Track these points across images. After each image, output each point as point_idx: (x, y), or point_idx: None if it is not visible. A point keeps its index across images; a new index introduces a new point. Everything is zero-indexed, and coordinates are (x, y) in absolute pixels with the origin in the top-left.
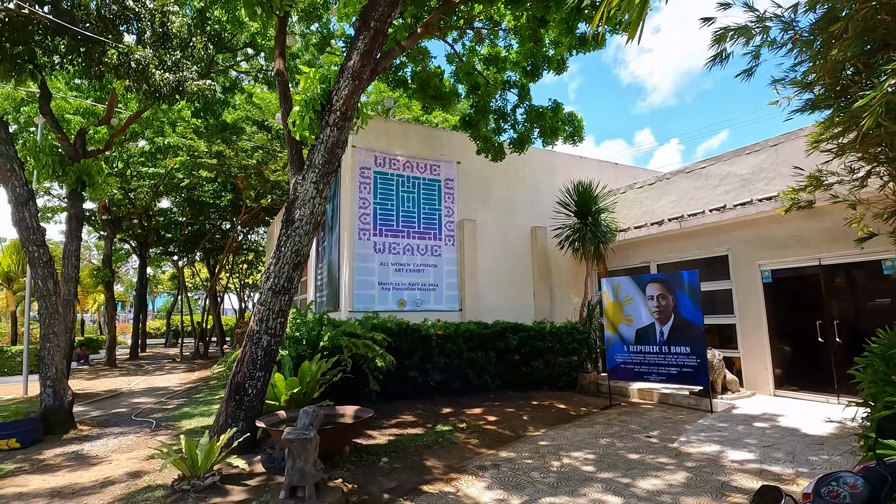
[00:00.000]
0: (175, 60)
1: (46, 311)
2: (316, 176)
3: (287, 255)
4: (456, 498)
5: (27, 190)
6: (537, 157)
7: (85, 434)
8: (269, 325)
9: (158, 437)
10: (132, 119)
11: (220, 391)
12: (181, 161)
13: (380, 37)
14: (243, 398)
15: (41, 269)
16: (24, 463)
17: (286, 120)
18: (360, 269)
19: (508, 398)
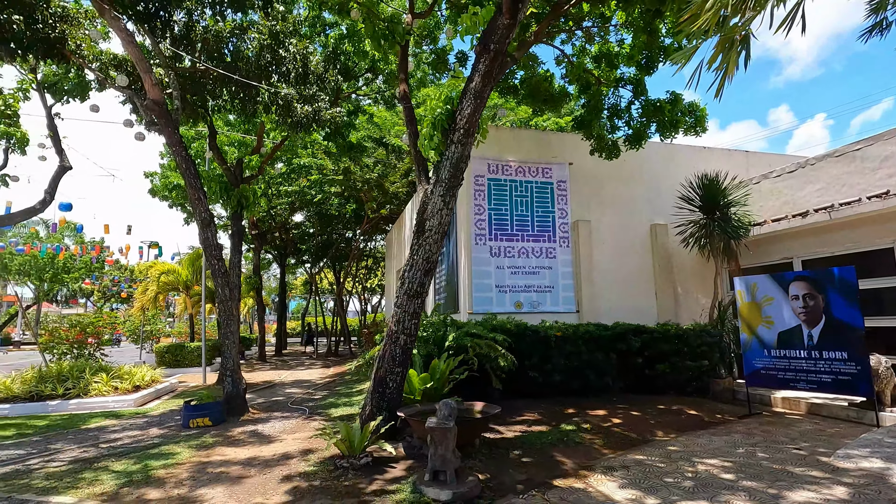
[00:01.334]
0: (312, 94)
1: (225, 314)
2: (443, 189)
3: (419, 262)
4: (588, 494)
5: (209, 214)
6: (654, 151)
7: (256, 417)
8: (405, 325)
9: (314, 423)
10: (277, 147)
11: (356, 385)
12: (314, 179)
13: (499, 58)
14: (385, 391)
15: (220, 279)
16: (218, 437)
17: (413, 139)
18: (477, 272)
19: (631, 401)
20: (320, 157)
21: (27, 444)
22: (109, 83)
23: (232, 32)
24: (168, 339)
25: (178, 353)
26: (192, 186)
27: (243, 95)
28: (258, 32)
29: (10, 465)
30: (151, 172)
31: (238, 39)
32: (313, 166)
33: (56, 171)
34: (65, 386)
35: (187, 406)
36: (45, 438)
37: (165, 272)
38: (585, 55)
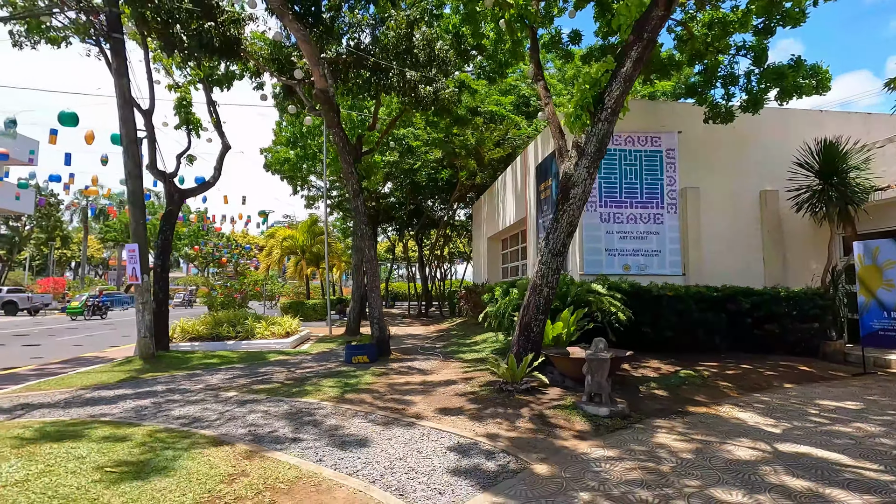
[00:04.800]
0: (433, 75)
1: (371, 272)
2: (588, 162)
3: (563, 225)
4: (723, 419)
5: (359, 185)
6: (767, 116)
7: (401, 358)
8: (549, 280)
9: (453, 363)
10: (392, 123)
11: (464, 339)
12: (417, 145)
13: (651, 46)
14: (529, 334)
15: (367, 241)
16: (383, 369)
17: (552, 116)
18: (588, 237)
19: (741, 358)
20: (418, 127)
21: (237, 369)
22: (276, 75)
23: (369, 24)
24: (284, 297)
25: (299, 309)
26: (345, 161)
27: (376, 79)
28: (394, 23)
29: (242, 380)
30: (267, 148)
31: (374, 30)
32: (409, 136)
33: (220, 150)
34: (235, 330)
35: (349, 346)
36: (247, 366)
37: (286, 237)
38: (696, 23)
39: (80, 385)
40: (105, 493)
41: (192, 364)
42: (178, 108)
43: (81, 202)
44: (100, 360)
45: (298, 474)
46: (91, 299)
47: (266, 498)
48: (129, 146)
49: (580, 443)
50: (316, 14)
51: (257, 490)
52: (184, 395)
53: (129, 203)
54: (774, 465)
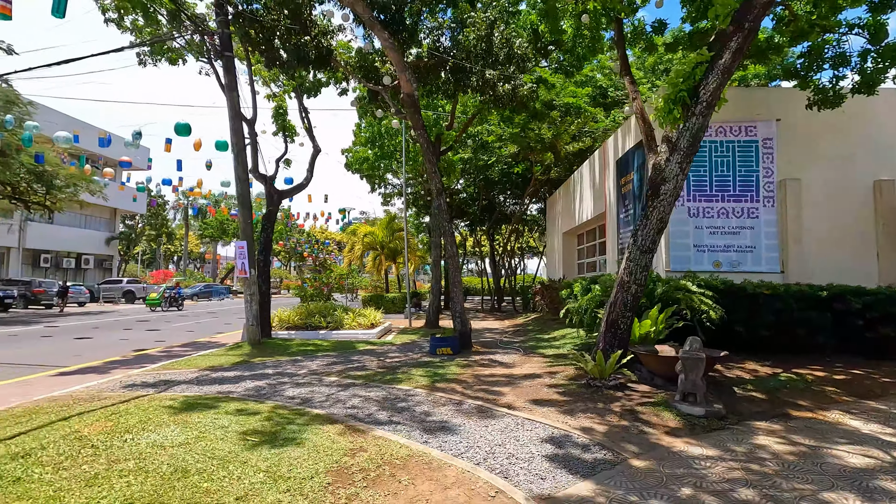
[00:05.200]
0: (511, 72)
1: (453, 268)
2: (680, 157)
3: (653, 222)
4: (832, 426)
5: (441, 184)
6: (881, 98)
7: (482, 351)
8: (637, 277)
9: (534, 358)
10: (470, 121)
11: (542, 333)
12: (490, 140)
13: (752, 35)
14: (616, 331)
15: (449, 237)
16: (467, 361)
17: (640, 111)
18: (675, 232)
19: (848, 361)
20: (492, 123)
21: (331, 356)
22: (362, 81)
23: (449, 27)
24: (363, 290)
25: (379, 301)
26: (429, 162)
27: (455, 80)
28: (474, 24)
29: (338, 366)
30: (347, 149)
31: (454, 32)
32: (483, 132)
33: (312, 153)
34: (326, 320)
35: (434, 338)
36: (340, 354)
37: (366, 234)
38: (800, 0)
39: (204, 366)
40: (251, 457)
41: (292, 350)
42: (275, 117)
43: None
44: (212, 344)
45: (410, 453)
46: (168, 291)
47: (386, 471)
48: (238, 154)
49: (675, 440)
50: (399, 21)
51: (377, 464)
52: (291, 379)
53: (238, 204)
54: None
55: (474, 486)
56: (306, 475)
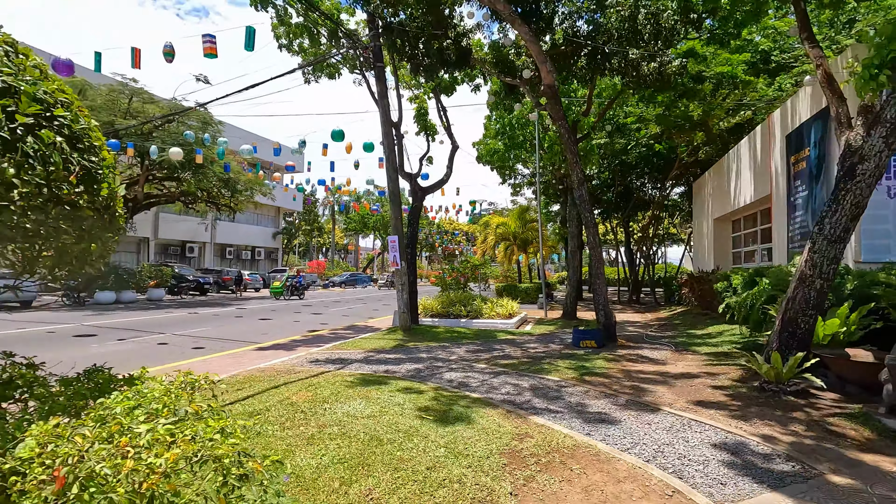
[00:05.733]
0: (656, 50)
1: (595, 258)
2: (886, 131)
3: (846, 207)
4: None
5: (583, 174)
6: None
7: (628, 345)
8: (823, 270)
9: (688, 355)
10: (609, 105)
11: (692, 328)
12: (629, 122)
13: None
14: (795, 331)
15: (591, 228)
16: (613, 356)
17: (826, 78)
18: (869, 217)
19: None
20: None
21: (475, 344)
22: (500, 77)
23: (588, 9)
24: (493, 280)
25: (513, 292)
26: (570, 152)
27: (593, 64)
28: (615, 4)
29: (484, 354)
30: (478, 142)
31: (594, 14)
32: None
33: (451, 150)
34: (466, 309)
35: (577, 330)
36: (483, 342)
37: (499, 225)
38: None
39: (367, 348)
40: (430, 433)
41: (438, 337)
42: (417, 118)
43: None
44: (368, 328)
45: (575, 443)
46: (290, 280)
47: (556, 458)
48: (389, 155)
49: (883, 459)
50: (536, 12)
51: (546, 450)
52: (444, 363)
53: (389, 202)
54: None
55: (648, 483)
56: (482, 454)
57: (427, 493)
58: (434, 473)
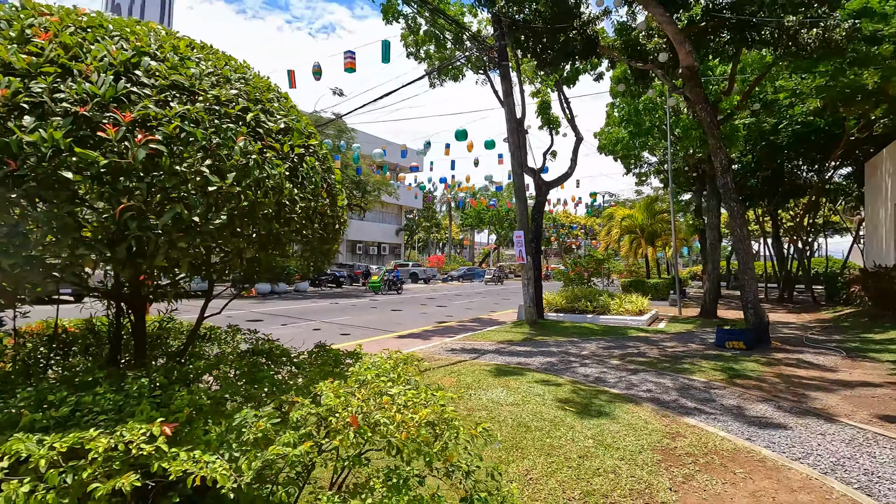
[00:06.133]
0: (819, 14)
1: (743, 252)
2: None
3: None
4: None
5: (728, 160)
6: None
7: (783, 348)
8: None
9: (864, 363)
10: (757, 81)
11: (866, 333)
12: (782, 97)
13: None
14: None
15: (739, 220)
16: (766, 359)
17: None
18: None
19: None
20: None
21: (605, 340)
22: (629, 62)
23: None
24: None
25: (640, 287)
26: (713, 136)
27: (738, 37)
28: None
29: (616, 350)
30: (600, 131)
31: None
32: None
33: (575, 143)
34: (592, 305)
35: (721, 329)
36: (613, 339)
37: (624, 217)
38: None
39: (496, 340)
40: (575, 424)
41: (566, 332)
42: (539, 112)
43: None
44: (493, 321)
45: (734, 447)
46: (387, 274)
47: (715, 460)
48: (514, 151)
49: None
50: None
51: (702, 451)
52: (576, 358)
53: (514, 197)
54: None
55: (829, 497)
56: (633, 449)
57: (583, 480)
58: (587, 462)
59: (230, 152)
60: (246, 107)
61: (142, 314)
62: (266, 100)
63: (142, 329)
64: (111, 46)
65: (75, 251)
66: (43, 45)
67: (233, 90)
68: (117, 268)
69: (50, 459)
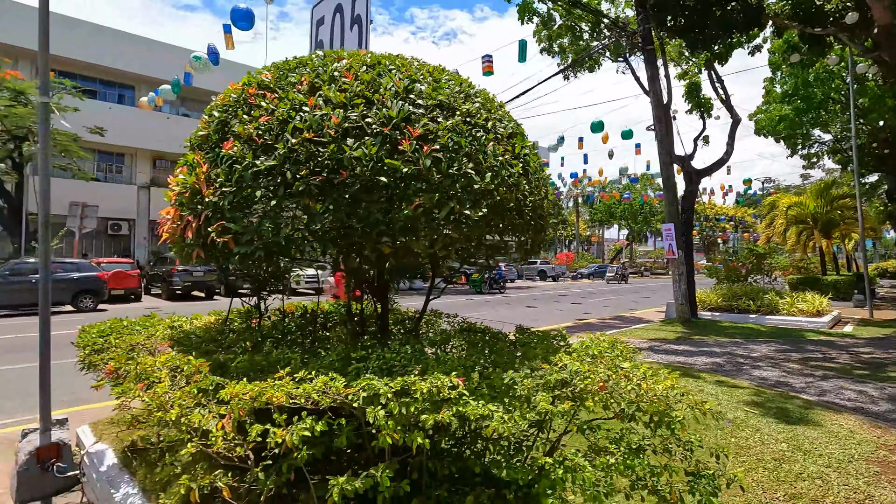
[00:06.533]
0: None
1: None
2: None
3: None
4: None
5: None
6: None
7: None
8: None
9: None
10: None
11: None
12: None
13: None
14: None
15: None
16: None
17: None
18: None
19: None
20: None
21: (776, 343)
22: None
23: None
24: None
25: (814, 285)
26: None
27: None
28: None
29: (793, 354)
30: (756, 110)
31: None
32: None
33: (731, 125)
34: (756, 304)
35: None
36: (786, 341)
37: (791, 205)
38: None
39: (648, 337)
40: (761, 427)
41: (726, 332)
42: (687, 95)
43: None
44: (637, 319)
45: None
46: (490, 272)
47: None
48: (662, 139)
49: None
50: None
51: None
52: (746, 360)
53: (663, 188)
54: None
55: None
56: (840, 457)
57: (785, 483)
58: (785, 465)
59: (485, 156)
60: (486, 117)
61: (385, 300)
62: (494, 109)
63: (385, 311)
64: (395, 78)
65: (378, 242)
66: (348, 83)
67: (475, 104)
68: (378, 260)
69: (387, 394)
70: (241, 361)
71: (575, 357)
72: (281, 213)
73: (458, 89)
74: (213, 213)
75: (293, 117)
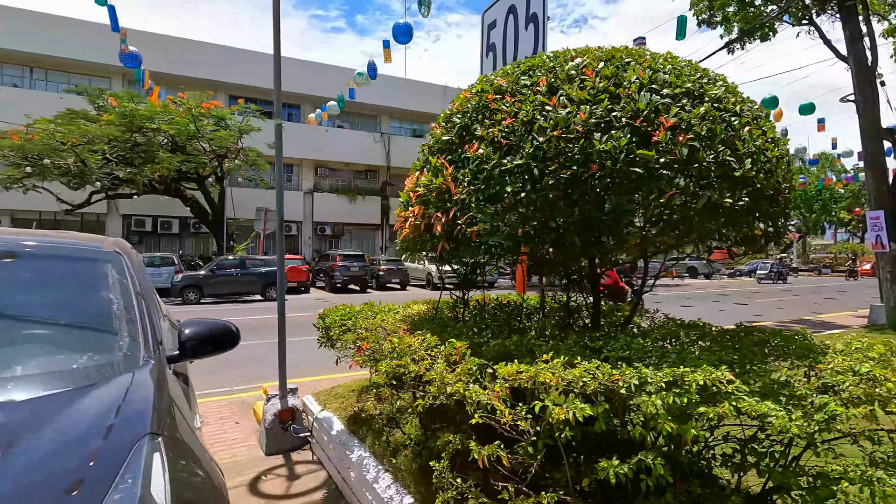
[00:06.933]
0: None
1: None
2: None
3: None
4: None
5: None
6: None
7: None
8: None
9: None
10: None
11: None
12: None
13: None
14: None
15: None
16: None
17: None
18: None
19: None
20: None
21: None
22: None
23: None
24: None
25: None
26: None
27: None
28: None
29: None
30: None
31: None
32: None
33: None
34: None
35: None
36: None
37: None
38: None
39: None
40: None
41: None
42: None
43: None
44: (825, 324)
45: None
46: None
47: None
48: (865, 109)
49: None
50: None
51: None
52: None
53: (866, 167)
54: None
55: None
56: None
57: None
58: None
59: (743, 142)
60: (734, 101)
61: (597, 292)
62: (736, 93)
63: (598, 303)
64: (638, 70)
65: (625, 235)
66: (589, 80)
67: (720, 89)
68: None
69: (659, 383)
70: (495, 345)
71: (854, 358)
72: (528, 206)
73: (700, 75)
74: (460, 209)
75: (537, 118)
